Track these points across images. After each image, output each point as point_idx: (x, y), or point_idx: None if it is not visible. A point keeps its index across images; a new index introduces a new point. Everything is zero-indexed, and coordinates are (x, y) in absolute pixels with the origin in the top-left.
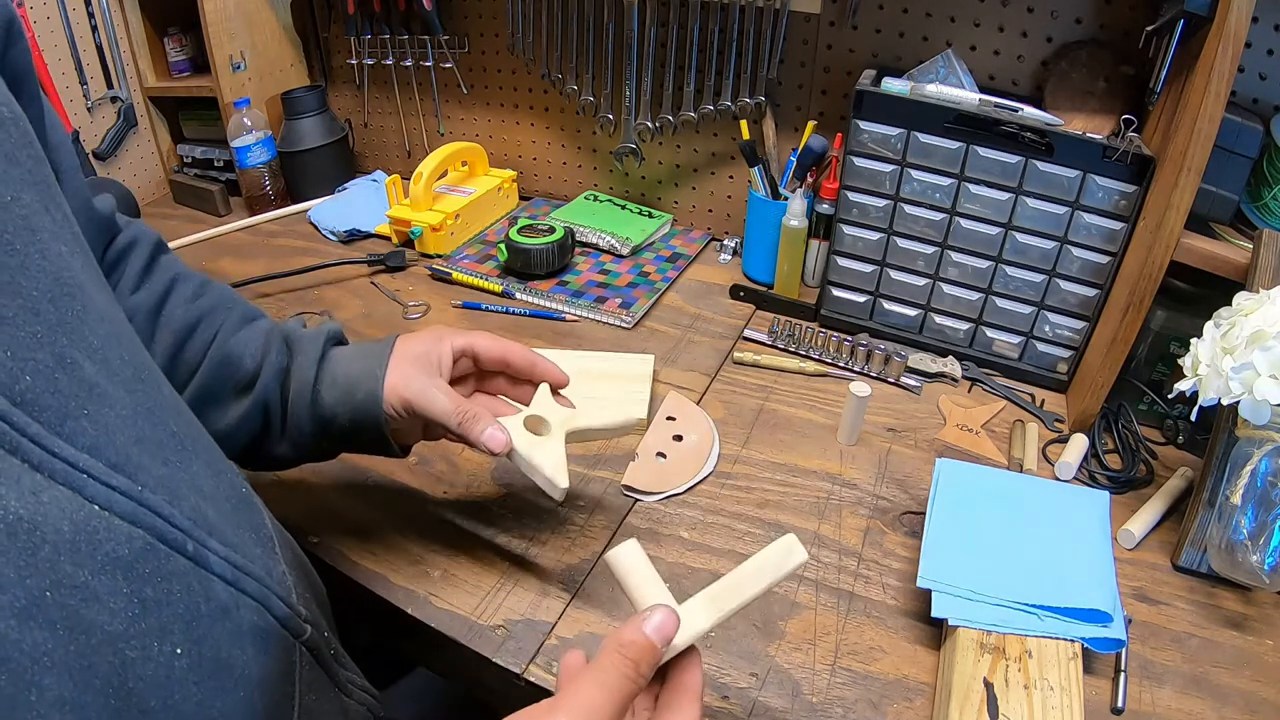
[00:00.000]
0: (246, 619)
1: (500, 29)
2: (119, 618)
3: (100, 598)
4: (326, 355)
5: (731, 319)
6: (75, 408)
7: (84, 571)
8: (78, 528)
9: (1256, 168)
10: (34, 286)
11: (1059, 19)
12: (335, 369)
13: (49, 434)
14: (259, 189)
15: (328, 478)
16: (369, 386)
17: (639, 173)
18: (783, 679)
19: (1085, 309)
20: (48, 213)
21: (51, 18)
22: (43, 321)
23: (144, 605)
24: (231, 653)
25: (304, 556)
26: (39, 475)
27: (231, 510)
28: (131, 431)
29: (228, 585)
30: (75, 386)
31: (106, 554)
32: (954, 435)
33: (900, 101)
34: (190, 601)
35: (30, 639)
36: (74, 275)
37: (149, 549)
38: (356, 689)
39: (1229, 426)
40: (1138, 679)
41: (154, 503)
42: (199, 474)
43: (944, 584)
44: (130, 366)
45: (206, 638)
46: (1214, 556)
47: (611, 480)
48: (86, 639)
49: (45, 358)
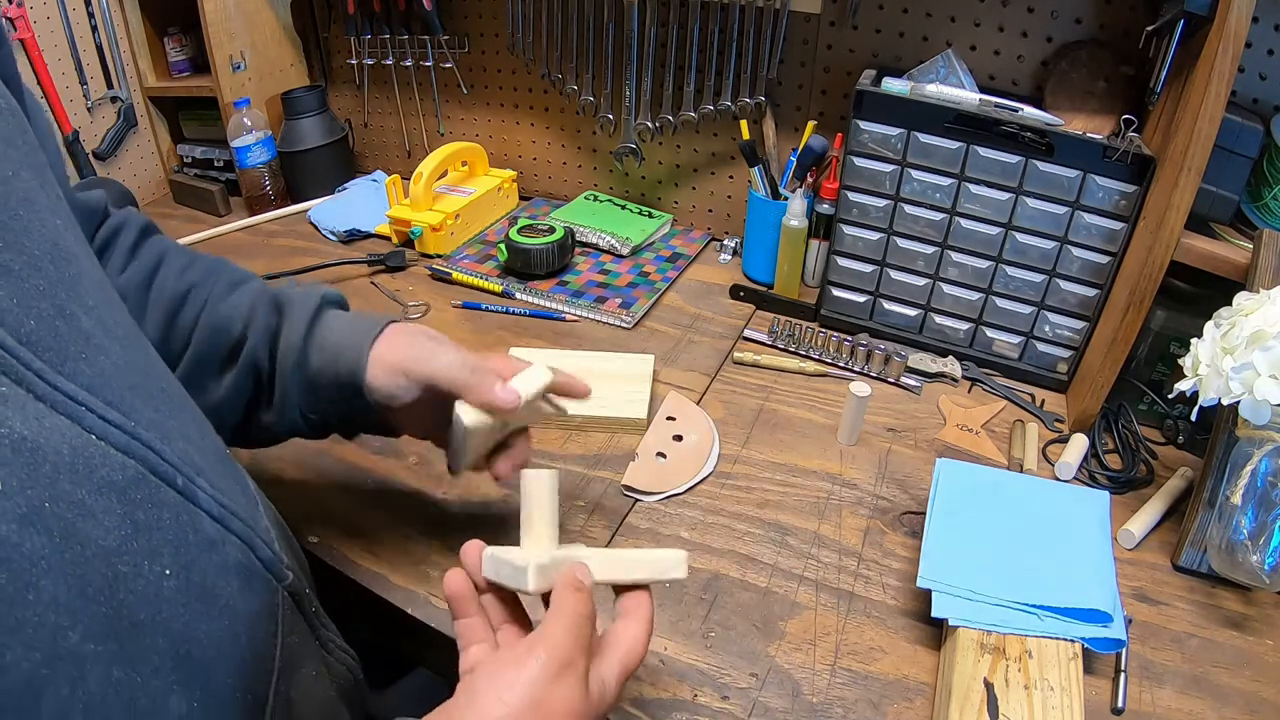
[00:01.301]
0: (232, 555)
1: (500, 29)
2: (112, 535)
3: (95, 515)
4: (320, 317)
5: (731, 319)
6: (75, 352)
7: (81, 490)
8: (76, 452)
9: (1256, 168)
10: (35, 246)
11: (1059, 19)
12: (327, 332)
13: (52, 371)
14: (259, 189)
15: (328, 478)
16: (353, 355)
17: (639, 173)
18: (783, 679)
19: (1085, 309)
20: (44, 191)
21: (51, 18)
22: (44, 277)
23: (135, 526)
24: (217, 583)
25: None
26: (42, 405)
27: (218, 462)
28: (125, 380)
29: (214, 522)
30: (74, 334)
31: (102, 478)
32: (954, 435)
33: (900, 101)
34: (179, 530)
35: (30, 543)
36: (69, 246)
37: (140, 478)
38: (337, 649)
39: (1229, 426)
40: (1138, 679)
41: (146, 438)
42: (187, 424)
43: (944, 584)
44: (123, 328)
45: (194, 565)
46: (1214, 556)
47: (611, 480)
48: (81, 550)
49: (47, 307)
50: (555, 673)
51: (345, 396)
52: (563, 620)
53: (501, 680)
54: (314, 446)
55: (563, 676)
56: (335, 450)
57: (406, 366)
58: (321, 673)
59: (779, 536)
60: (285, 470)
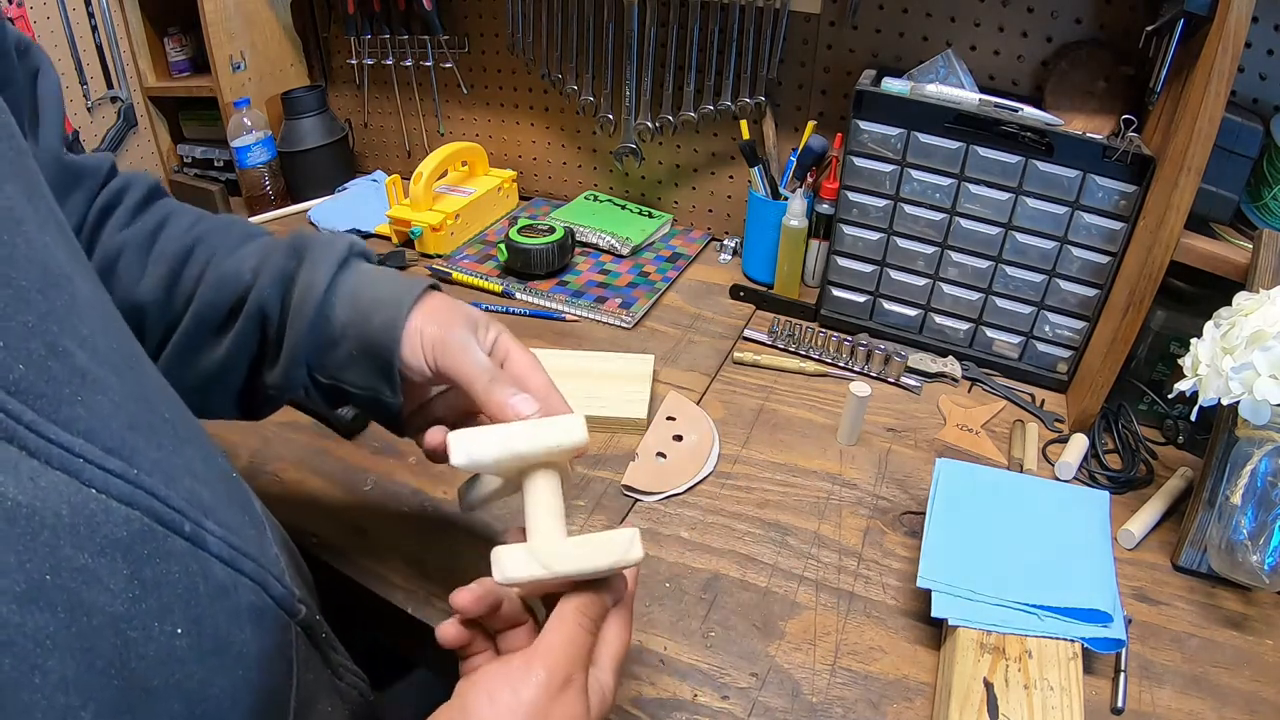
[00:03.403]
0: (244, 599)
1: (500, 29)
2: (119, 599)
3: (100, 579)
4: (348, 264)
5: (731, 319)
6: (69, 394)
7: (83, 554)
8: (76, 511)
9: (1256, 168)
10: (22, 277)
11: (1059, 19)
12: (358, 283)
13: (44, 421)
14: (259, 189)
15: (328, 478)
16: (390, 315)
17: (639, 173)
18: (783, 679)
19: (1085, 309)
20: (31, 203)
21: (51, 18)
22: (33, 311)
23: (143, 586)
24: (230, 632)
25: (292, 543)
26: (36, 461)
27: (224, 493)
28: (124, 417)
29: (225, 565)
30: (68, 374)
31: (105, 536)
32: (954, 435)
33: (900, 101)
34: (189, 582)
35: (33, 622)
36: (60, 265)
37: (147, 530)
38: (348, 672)
39: (1229, 426)
40: (1138, 679)
41: (150, 485)
42: (191, 458)
43: (944, 584)
44: (120, 354)
45: (206, 617)
46: (1214, 556)
47: (611, 480)
48: (88, 620)
49: (38, 347)
50: (555, 691)
51: (371, 360)
52: (564, 631)
53: (500, 700)
54: (314, 446)
55: (563, 693)
56: (335, 450)
57: (439, 348)
58: (336, 704)
59: (779, 536)
60: (285, 470)
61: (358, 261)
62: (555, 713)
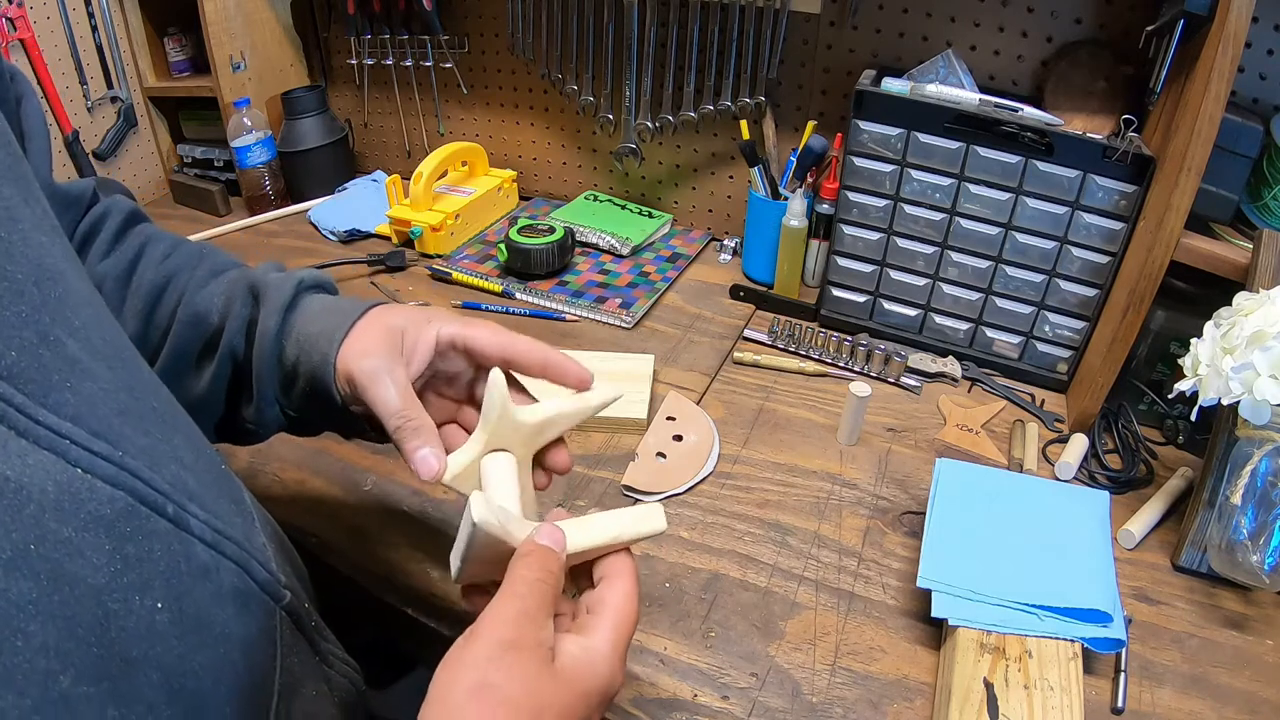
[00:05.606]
0: (227, 581)
1: (500, 29)
2: (101, 572)
3: (83, 553)
4: (296, 304)
5: (731, 319)
6: (59, 381)
7: (67, 528)
8: (61, 488)
9: (1256, 168)
10: (18, 270)
11: (1059, 19)
12: (302, 321)
13: (34, 404)
14: (259, 189)
15: (328, 478)
16: (324, 349)
17: (639, 173)
18: (783, 679)
19: (1085, 309)
20: (27, 205)
21: (51, 18)
22: (27, 302)
23: (125, 561)
24: (212, 611)
25: (284, 536)
26: (24, 441)
27: (212, 482)
28: (113, 404)
29: (208, 547)
30: (59, 362)
31: (89, 513)
32: (954, 435)
33: (900, 101)
34: (170, 560)
35: (16, 588)
36: (55, 263)
37: (130, 510)
38: (338, 661)
39: (1229, 426)
40: (1138, 679)
41: (134, 467)
42: (180, 447)
43: (944, 584)
44: (111, 347)
45: (187, 595)
46: (1214, 556)
47: (611, 480)
48: (70, 590)
49: (30, 335)
50: (497, 654)
51: (320, 396)
52: (508, 590)
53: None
54: (314, 446)
55: (506, 657)
56: (335, 450)
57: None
58: (323, 691)
59: (779, 536)
60: (285, 470)
61: (306, 297)
62: (501, 676)
